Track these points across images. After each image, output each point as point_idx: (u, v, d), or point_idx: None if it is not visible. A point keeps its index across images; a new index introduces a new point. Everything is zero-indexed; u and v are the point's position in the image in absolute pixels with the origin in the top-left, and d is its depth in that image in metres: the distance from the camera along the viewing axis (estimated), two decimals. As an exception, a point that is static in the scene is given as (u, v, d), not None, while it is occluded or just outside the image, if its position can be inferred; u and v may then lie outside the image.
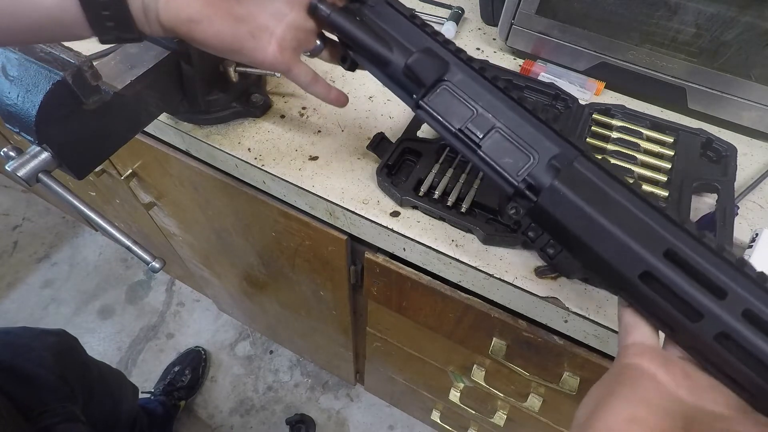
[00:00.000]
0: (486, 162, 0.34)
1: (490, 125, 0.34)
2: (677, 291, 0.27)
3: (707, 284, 0.27)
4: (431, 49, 0.37)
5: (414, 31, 0.38)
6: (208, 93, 0.56)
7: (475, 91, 0.35)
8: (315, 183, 0.55)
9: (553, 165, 0.33)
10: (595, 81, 0.65)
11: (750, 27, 0.51)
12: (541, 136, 0.34)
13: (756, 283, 0.27)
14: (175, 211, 0.94)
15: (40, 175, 0.40)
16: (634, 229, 0.29)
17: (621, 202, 0.30)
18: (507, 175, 0.33)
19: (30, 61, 0.38)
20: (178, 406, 1.38)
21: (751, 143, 0.62)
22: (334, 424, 1.43)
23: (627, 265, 0.29)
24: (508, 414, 0.86)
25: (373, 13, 0.39)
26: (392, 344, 0.89)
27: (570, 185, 0.31)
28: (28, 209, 1.82)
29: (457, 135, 0.35)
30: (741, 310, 0.26)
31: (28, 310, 1.59)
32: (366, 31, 0.38)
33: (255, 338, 1.58)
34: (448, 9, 0.76)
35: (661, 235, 0.29)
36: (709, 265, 0.28)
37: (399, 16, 0.39)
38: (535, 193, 0.32)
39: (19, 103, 0.38)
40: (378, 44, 0.37)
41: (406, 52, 0.37)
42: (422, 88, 0.36)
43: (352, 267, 0.71)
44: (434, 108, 0.35)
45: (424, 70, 0.35)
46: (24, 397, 0.74)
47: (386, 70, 0.38)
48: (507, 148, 0.34)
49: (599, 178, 0.31)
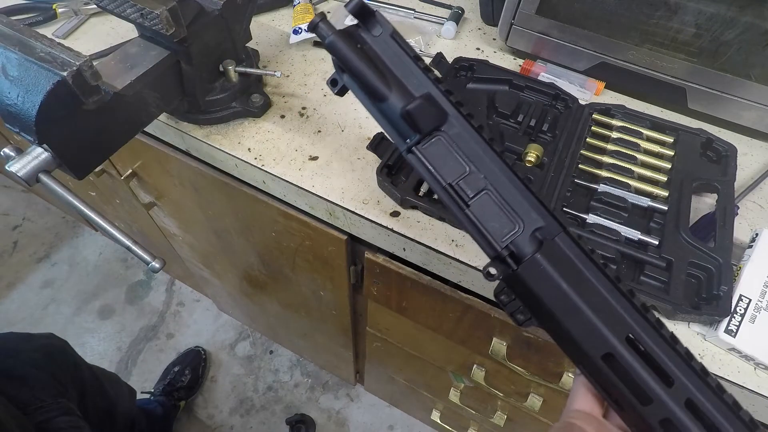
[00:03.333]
0: (472, 222, 0.34)
1: (482, 186, 0.34)
2: (634, 375, 0.29)
3: (659, 371, 0.29)
4: (432, 96, 0.36)
5: (416, 72, 0.36)
6: (208, 93, 0.56)
7: (470, 148, 0.35)
8: (315, 183, 0.55)
9: (537, 237, 0.33)
10: (595, 81, 0.65)
11: (750, 27, 0.51)
12: (528, 206, 0.34)
13: (699, 375, 0.29)
14: (175, 211, 0.94)
15: (40, 175, 0.40)
16: (603, 311, 0.31)
17: (594, 284, 0.31)
18: (491, 239, 0.33)
19: (30, 61, 0.38)
20: (178, 407, 1.38)
21: (751, 143, 0.62)
22: (334, 424, 1.43)
23: (592, 344, 0.30)
24: (508, 414, 0.86)
25: (376, 43, 0.37)
26: (392, 344, 0.89)
27: (550, 260, 0.32)
28: (28, 209, 1.82)
29: (446, 189, 0.35)
30: (684, 400, 0.28)
31: (28, 310, 1.59)
32: (367, 63, 0.36)
33: (255, 338, 1.58)
34: (448, 9, 0.76)
35: (626, 320, 0.30)
36: (663, 353, 0.30)
37: (403, 53, 0.37)
38: (516, 261, 0.33)
39: (19, 103, 0.38)
40: (378, 79, 0.36)
41: (404, 93, 0.36)
42: (417, 134, 0.35)
43: (352, 267, 0.71)
44: (427, 157, 0.35)
45: (423, 118, 0.35)
46: (18, 394, 0.74)
47: (380, 105, 0.37)
48: (494, 212, 0.34)
49: (577, 257, 0.32)
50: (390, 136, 0.38)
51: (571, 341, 0.31)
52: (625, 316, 0.30)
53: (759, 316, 0.45)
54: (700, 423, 0.28)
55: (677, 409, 0.28)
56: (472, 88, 0.64)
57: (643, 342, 0.30)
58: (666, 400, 0.28)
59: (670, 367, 0.29)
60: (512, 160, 0.56)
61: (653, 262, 0.48)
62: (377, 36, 0.37)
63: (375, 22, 0.37)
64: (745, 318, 0.45)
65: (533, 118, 0.59)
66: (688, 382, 0.29)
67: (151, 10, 0.43)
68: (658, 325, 0.30)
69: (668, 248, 0.49)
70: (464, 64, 0.65)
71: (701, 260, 0.48)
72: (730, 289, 0.45)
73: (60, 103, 0.39)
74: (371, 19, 0.37)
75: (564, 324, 0.31)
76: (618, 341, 0.30)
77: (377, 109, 0.37)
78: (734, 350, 0.45)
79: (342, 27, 0.74)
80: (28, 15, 0.71)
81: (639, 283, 0.48)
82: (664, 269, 0.48)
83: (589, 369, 0.31)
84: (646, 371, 0.29)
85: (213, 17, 0.50)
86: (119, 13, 0.45)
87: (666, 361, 0.29)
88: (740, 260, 0.49)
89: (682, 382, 0.29)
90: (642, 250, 0.49)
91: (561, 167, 0.55)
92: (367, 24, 0.37)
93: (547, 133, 0.59)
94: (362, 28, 0.37)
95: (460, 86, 0.64)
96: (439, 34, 0.73)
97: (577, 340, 0.31)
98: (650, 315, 0.31)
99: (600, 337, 0.30)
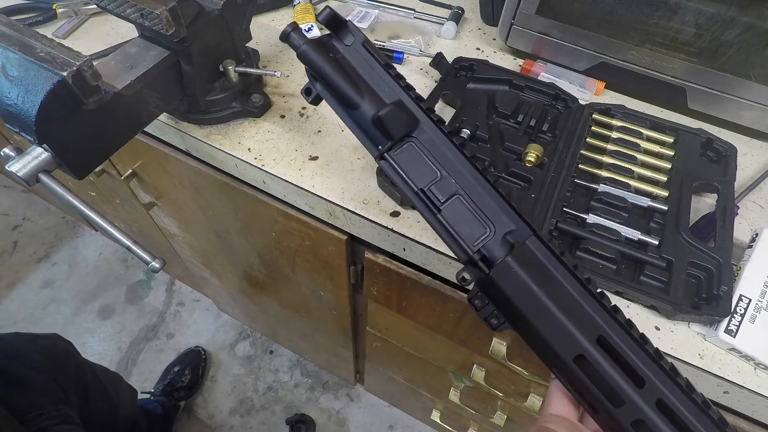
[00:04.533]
0: (444, 227, 0.34)
1: (453, 191, 0.34)
2: (605, 376, 0.29)
3: (630, 372, 0.29)
4: (403, 103, 0.36)
5: (387, 80, 0.37)
6: (208, 93, 0.56)
7: (441, 154, 0.35)
8: (315, 183, 0.55)
9: (508, 240, 0.33)
10: (595, 81, 0.65)
11: (750, 27, 0.51)
12: (499, 210, 0.34)
13: (669, 375, 0.29)
14: (175, 211, 0.94)
15: (40, 175, 0.40)
16: (574, 313, 0.31)
17: (564, 286, 0.32)
18: (463, 244, 0.33)
19: (30, 61, 0.38)
20: (178, 407, 1.38)
21: (751, 143, 0.62)
22: (334, 424, 1.43)
23: (564, 346, 0.30)
24: (508, 414, 0.86)
25: (348, 52, 0.38)
26: (392, 344, 0.89)
27: (522, 263, 0.32)
28: (28, 209, 1.82)
29: (418, 195, 0.35)
30: (655, 400, 0.28)
31: (28, 310, 1.59)
32: (339, 71, 0.36)
33: (255, 338, 1.58)
34: (448, 9, 0.76)
35: (596, 322, 0.31)
36: (633, 354, 0.30)
37: (374, 61, 0.37)
38: (488, 265, 0.33)
39: (19, 103, 0.38)
40: (350, 87, 0.36)
41: (376, 100, 0.36)
42: (388, 140, 0.35)
43: (352, 267, 0.71)
44: (398, 163, 0.35)
45: (395, 124, 0.35)
46: (18, 400, 0.74)
47: (353, 113, 0.37)
48: (466, 217, 0.34)
49: (548, 260, 0.32)
50: (363, 143, 0.38)
51: (543, 344, 0.31)
52: (595, 317, 0.31)
53: (759, 316, 0.45)
54: (671, 423, 0.28)
55: (649, 410, 0.28)
56: (472, 88, 0.64)
57: (614, 342, 0.30)
58: (637, 401, 0.28)
59: (640, 367, 0.29)
60: (512, 160, 0.56)
61: (653, 262, 0.48)
62: (349, 45, 0.38)
63: (347, 32, 0.38)
64: (745, 318, 0.45)
65: (533, 118, 0.59)
66: (659, 382, 0.29)
67: (151, 10, 0.43)
68: (627, 325, 0.31)
69: (668, 248, 0.49)
70: (464, 64, 0.65)
71: (701, 260, 0.48)
72: (730, 289, 0.45)
73: (60, 103, 0.39)
74: (343, 28, 0.38)
75: (535, 326, 0.31)
76: (589, 342, 0.30)
77: (350, 116, 0.38)
78: (734, 350, 0.45)
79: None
80: (28, 15, 0.71)
81: (639, 283, 0.48)
82: (664, 269, 0.48)
83: (562, 372, 0.31)
84: (617, 372, 0.29)
85: (213, 17, 0.50)
86: (119, 13, 0.45)
87: (636, 361, 0.30)
88: (740, 260, 0.49)
89: (653, 382, 0.29)
90: (642, 250, 0.49)
91: (561, 167, 0.55)
92: (339, 33, 0.38)
93: (547, 133, 0.59)
94: (334, 37, 0.38)
95: (460, 86, 0.64)
96: (439, 34, 0.73)
97: (549, 342, 0.31)
98: (620, 315, 0.31)
99: (571, 339, 0.30)
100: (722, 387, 0.45)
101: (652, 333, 0.46)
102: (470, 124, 0.58)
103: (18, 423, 0.71)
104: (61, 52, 0.38)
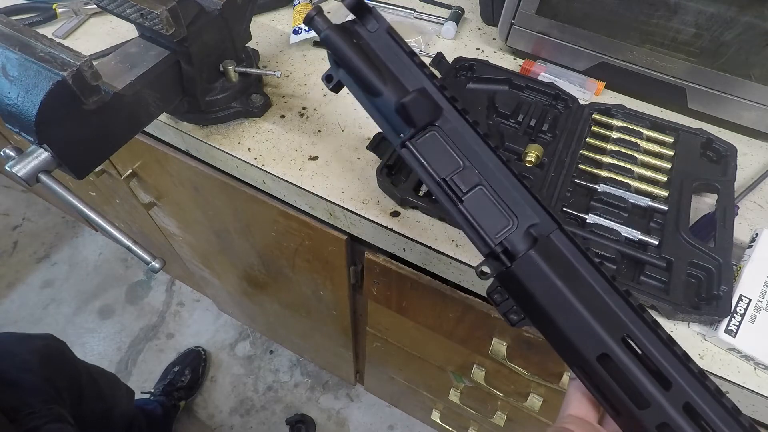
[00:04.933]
0: (465, 217, 0.33)
1: (475, 181, 0.34)
2: (630, 377, 0.28)
3: (656, 374, 0.28)
4: (426, 91, 0.35)
5: (412, 67, 0.36)
6: (208, 93, 0.56)
7: (464, 143, 0.35)
8: (315, 183, 0.55)
9: (531, 234, 0.32)
10: (595, 81, 0.65)
11: (750, 27, 0.51)
12: (523, 203, 0.33)
13: (697, 378, 0.28)
14: (175, 211, 0.94)
15: (40, 175, 0.40)
16: (599, 310, 0.30)
17: (589, 282, 0.31)
18: (485, 235, 0.33)
19: (30, 61, 0.38)
20: (177, 407, 1.38)
21: (751, 143, 0.62)
22: (334, 424, 1.43)
23: (588, 345, 0.30)
24: (508, 414, 0.86)
25: (372, 39, 0.37)
26: (392, 344, 0.89)
27: (545, 257, 0.31)
28: (28, 209, 1.82)
29: (440, 184, 0.34)
30: (682, 403, 0.27)
31: (28, 310, 1.59)
32: (362, 57, 0.36)
33: (255, 338, 1.58)
34: (448, 9, 0.76)
35: (622, 320, 0.30)
36: (660, 355, 0.29)
37: (399, 48, 0.37)
38: (510, 258, 0.32)
39: (19, 103, 0.38)
40: (373, 73, 0.36)
41: (399, 88, 0.36)
42: (411, 128, 0.35)
43: (352, 267, 0.71)
44: (421, 151, 0.34)
45: (418, 111, 0.34)
46: (8, 400, 0.74)
47: (375, 100, 0.37)
48: (488, 208, 0.33)
49: (572, 255, 0.32)
50: (384, 131, 0.37)
51: (565, 342, 0.30)
52: (621, 315, 0.30)
53: (759, 316, 0.45)
54: (699, 428, 0.27)
55: (675, 414, 0.27)
56: (472, 88, 0.64)
57: (640, 343, 0.29)
58: (663, 404, 0.27)
59: (667, 369, 0.28)
60: (512, 160, 0.56)
61: (653, 262, 0.48)
62: (373, 32, 0.37)
63: (371, 18, 0.37)
64: (745, 318, 0.45)
65: (533, 118, 0.59)
66: (686, 386, 0.28)
67: (151, 10, 0.43)
68: (655, 325, 0.30)
69: (668, 248, 0.49)
70: (464, 64, 0.65)
71: (701, 260, 0.48)
72: (730, 289, 0.45)
73: (60, 103, 0.39)
74: (367, 14, 0.37)
75: (558, 323, 0.30)
76: (614, 342, 0.29)
77: (372, 104, 0.37)
78: (734, 350, 0.45)
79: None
80: (28, 15, 0.71)
81: (639, 283, 0.48)
82: (664, 269, 0.48)
83: (584, 371, 0.30)
84: (642, 373, 0.28)
85: (213, 17, 0.50)
86: (119, 13, 0.45)
87: (663, 363, 0.28)
88: (740, 260, 0.49)
89: (680, 385, 0.28)
90: (642, 250, 0.49)
91: (561, 167, 0.55)
92: (363, 19, 0.37)
93: (547, 133, 0.59)
94: (358, 23, 0.37)
95: (460, 86, 0.64)
96: (439, 34, 0.73)
97: (572, 340, 0.30)
98: (647, 315, 0.30)
99: (595, 337, 0.29)
100: (722, 387, 0.45)
101: (652, 333, 0.46)
102: (470, 124, 0.58)
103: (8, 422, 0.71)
104: (61, 52, 0.38)
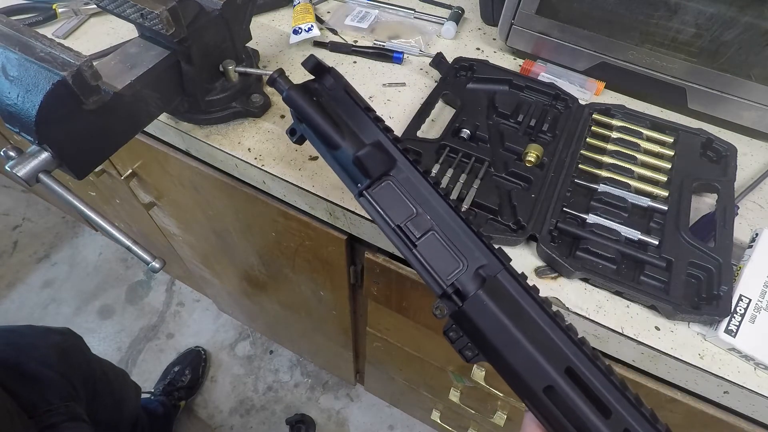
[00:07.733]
0: (419, 261, 0.36)
1: (428, 227, 0.36)
2: (573, 407, 0.30)
3: (597, 403, 0.30)
4: (381, 144, 0.38)
5: (367, 122, 0.39)
6: (208, 93, 0.56)
7: (416, 191, 0.37)
8: (315, 183, 0.55)
9: (480, 275, 0.35)
10: (595, 81, 0.65)
11: (750, 27, 0.51)
12: (471, 246, 0.35)
13: (633, 405, 0.30)
14: (175, 211, 0.94)
15: (40, 175, 0.40)
16: (543, 344, 0.32)
17: (534, 318, 0.33)
18: (437, 277, 0.35)
19: (30, 61, 0.38)
20: (178, 406, 1.38)
21: (751, 143, 0.62)
22: (334, 424, 1.43)
23: (534, 377, 0.31)
24: (508, 414, 0.86)
25: (330, 96, 0.41)
26: (392, 344, 0.89)
27: (492, 296, 0.33)
28: (28, 209, 1.82)
29: (395, 231, 0.37)
30: (621, 430, 0.29)
31: (28, 310, 1.59)
32: (322, 114, 0.39)
33: (255, 338, 1.58)
34: (448, 9, 0.76)
35: (564, 353, 0.32)
36: (600, 384, 0.31)
37: (355, 105, 0.40)
38: (461, 298, 0.34)
39: (19, 103, 0.38)
40: (332, 128, 0.39)
41: (356, 141, 0.39)
42: (367, 179, 0.38)
43: (352, 267, 0.71)
44: (377, 200, 0.37)
45: (373, 163, 0.37)
46: (28, 395, 0.74)
47: (334, 153, 0.39)
48: (440, 252, 0.36)
49: (518, 293, 0.34)
50: (343, 181, 0.40)
51: (515, 375, 0.32)
52: (563, 348, 0.32)
53: (759, 316, 0.45)
54: None
55: None
56: (472, 88, 0.64)
57: (581, 373, 0.31)
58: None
59: (606, 397, 0.30)
60: (512, 160, 0.56)
61: (653, 262, 0.48)
62: (331, 90, 0.41)
63: (329, 77, 0.41)
64: (745, 318, 0.45)
65: (533, 118, 0.59)
66: (624, 413, 0.30)
67: (151, 10, 0.43)
68: (594, 356, 0.32)
69: (668, 248, 0.49)
70: (464, 64, 0.65)
71: (701, 260, 0.48)
72: (730, 289, 0.45)
73: (60, 103, 0.39)
74: (326, 75, 0.41)
75: (507, 358, 0.32)
76: (557, 373, 0.31)
77: (332, 156, 0.40)
78: (734, 350, 0.45)
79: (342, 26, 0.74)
80: (28, 15, 0.71)
81: (639, 283, 0.48)
82: (664, 269, 0.48)
83: (533, 402, 0.32)
84: (585, 403, 0.30)
85: (213, 17, 0.50)
86: (119, 13, 0.45)
87: (603, 391, 0.30)
88: (740, 260, 0.49)
89: (619, 412, 0.30)
90: (642, 250, 0.49)
91: (561, 167, 0.55)
92: (323, 79, 0.41)
93: (547, 133, 0.59)
94: (318, 82, 0.41)
95: (460, 86, 0.64)
96: (439, 34, 0.73)
97: (520, 373, 0.32)
98: (587, 347, 0.32)
99: (540, 370, 0.31)
100: (722, 387, 0.45)
101: (652, 333, 0.46)
102: (470, 124, 0.58)
103: (27, 418, 0.71)
104: (61, 52, 0.38)
